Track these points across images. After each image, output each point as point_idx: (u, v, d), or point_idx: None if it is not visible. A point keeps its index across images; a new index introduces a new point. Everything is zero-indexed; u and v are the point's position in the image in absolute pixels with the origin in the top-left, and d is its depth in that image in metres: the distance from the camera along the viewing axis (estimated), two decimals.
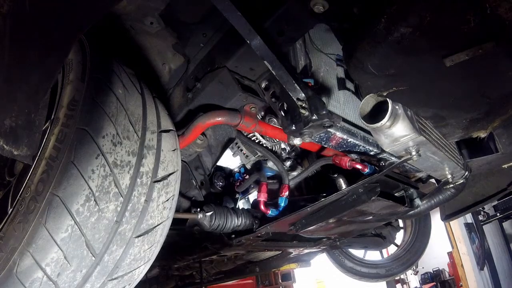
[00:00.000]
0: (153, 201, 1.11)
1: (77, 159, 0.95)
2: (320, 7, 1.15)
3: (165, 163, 1.17)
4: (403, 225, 3.51)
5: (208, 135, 1.65)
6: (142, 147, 1.10)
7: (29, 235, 0.91)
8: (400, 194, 1.76)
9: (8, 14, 0.68)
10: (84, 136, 0.97)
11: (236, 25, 1.08)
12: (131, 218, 1.05)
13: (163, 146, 1.18)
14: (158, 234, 1.16)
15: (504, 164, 1.99)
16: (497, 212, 6.88)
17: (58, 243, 0.92)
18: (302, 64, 1.49)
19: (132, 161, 1.05)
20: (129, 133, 1.07)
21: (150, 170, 1.10)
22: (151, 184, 1.10)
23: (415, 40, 1.00)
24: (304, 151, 1.89)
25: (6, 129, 0.69)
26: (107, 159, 0.99)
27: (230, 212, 1.69)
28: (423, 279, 9.21)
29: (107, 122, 1.02)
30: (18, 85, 0.72)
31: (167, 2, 1.41)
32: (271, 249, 2.23)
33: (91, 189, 0.96)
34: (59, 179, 0.93)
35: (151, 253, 1.17)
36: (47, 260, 0.92)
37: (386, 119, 1.25)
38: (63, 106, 1.03)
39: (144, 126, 1.13)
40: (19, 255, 0.91)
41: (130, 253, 1.07)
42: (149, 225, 1.11)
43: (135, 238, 1.07)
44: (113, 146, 1.01)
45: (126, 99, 1.11)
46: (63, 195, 0.92)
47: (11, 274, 0.91)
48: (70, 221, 0.93)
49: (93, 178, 0.96)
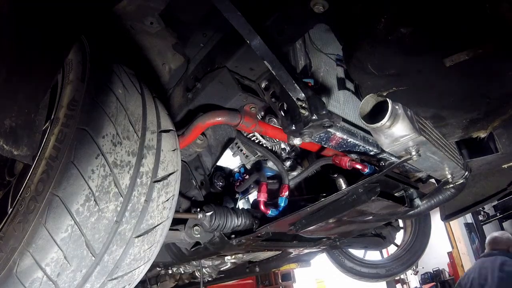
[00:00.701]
0: (153, 201, 1.11)
1: (77, 159, 0.95)
2: (320, 7, 1.15)
3: (165, 163, 1.17)
4: (403, 225, 3.51)
5: (208, 135, 1.65)
6: (142, 147, 1.09)
7: (29, 235, 0.91)
8: (400, 194, 1.76)
9: (8, 14, 0.68)
10: (84, 136, 0.97)
11: (236, 25, 1.08)
12: (131, 218, 1.05)
13: (163, 146, 1.18)
14: (158, 234, 1.16)
15: (504, 164, 1.99)
16: (497, 212, 6.89)
17: (58, 243, 0.92)
18: (302, 64, 1.49)
19: (132, 161, 1.05)
20: (129, 133, 1.07)
21: (150, 170, 1.10)
22: (151, 184, 1.10)
23: (415, 40, 1.00)
24: (304, 151, 1.89)
25: (6, 129, 0.69)
26: (107, 159, 0.99)
27: (230, 212, 1.68)
28: (423, 279, 9.21)
29: (107, 122, 1.02)
30: (18, 85, 0.72)
31: (167, 2, 1.41)
32: (271, 249, 2.22)
33: (91, 189, 0.96)
34: (59, 179, 0.93)
35: (151, 253, 1.17)
36: (47, 260, 0.92)
37: (386, 119, 1.25)
38: (63, 106, 1.03)
39: (144, 126, 1.13)
40: (19, 255, 0.91)
41: (130, 253, 1.07)
42: (149, 225, 1.11)
43: (135, 238, 1.07)
44: (113, 146, 1.01)
45: (126, 99, 1.11)
46: (63, 195, 0.92)
47: (11, 274, 0.91)
48: (70, 221, 0.93)
49: (93, 178, 0.96)
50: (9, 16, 0.67)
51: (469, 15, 0.93)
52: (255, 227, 1.74)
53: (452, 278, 8.32)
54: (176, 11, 1.43)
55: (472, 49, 1.01)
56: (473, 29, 0.95)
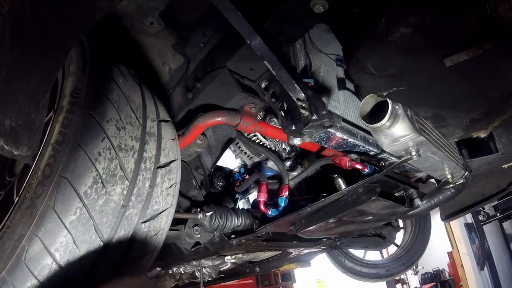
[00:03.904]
0: (157, 187, 1.13)
1: (83, 142, 0.96)
2: (320, 7, 1.15)
3: (166, 150, 1.19)
4: (403, 225, 3.51)
5: (208, 135, 1.65)
6: (144, 133, 1.12)
7: (37, 219, 0.91)
8: (400, 194, 1.76)
9: (8, 14, 0.68)
10: (89, 121, 0.99)
11: (236, 25, 1.08)
12: (137, 202, 1.06)
13: (163, 134, 1.21)
14: (163, 221, 1.17)
15: (504, 164, 1.99)
16: (497, 212, 6.88)
17: (67, 226, 0.92)
18: (302, 64, 1.49)
19: (135, 146, 1.07)
20: (131, 119, 1.09)
21: (152, 155, 1.12)
22: (155, 170, 1.12)
23: (415, 40, 1.00)
24: (304, 151, 1.89)
25: (6, 129, 0.69)
26: (112, 142, 1.01)
27: (230, 212, 1.69)
28: (423, 279, 9.21)
29: (110, 108, 1.04)
30: (18, 85, 0.72)
31: (167, 2, 1.41)
32: (271, 249, 2.22)
33: (98, 171, 0.97)
34: (66, 162, 0.94)
35: (158, 240, 1.18)
36: (56, 244, 0.91)
37: (386, 119, 1.25)
38: (66, 95, 1.05)
39: (144, 115, 1.15)
40: (27, 240, 0.91)
41: (138, 240, 1.08)
42: (154, 211, 1.12)
43: (142, 223, 1.08)
44: (117, 130, 1.03)
45: (126, 87, 1.14)
46: (71, 177, 0.93)
47: (19, 262, 0.90)
48: (78, 203, 0.93)
49: (99, 161, 0.97)
50: (9, 16, 0.67)
51: (469, 15, 0.93)
52: (255, 227, 1.74)
53: (452, 278, 8.32)
54: (176, 11, 1.43)
55: (472, 49, 1.01)
56: (473, 29, 0.95)
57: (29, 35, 0.73)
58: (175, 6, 1.42)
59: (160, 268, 2.43)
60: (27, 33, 0.73)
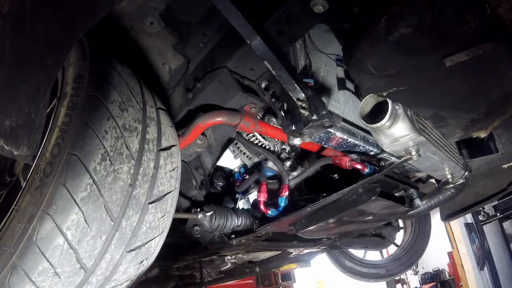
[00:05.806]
0: (161, 168, 1.15)
1: (90, 121, 0.99)
2: (320, 7, 1.15)
3: (166, 135, 1.23)
4: (403, 225, 3.51)
5: (208, 135, 1.65)
6: (145, 117, 1.15)
7: (48, 197, 0.91)
8: (400, 194, 1.76)
9: (8, 14, 0.68)
10: (95, 101, 1.02)
11: (236, 25, 1.08)
12: (144, 182, 1.08)
13: (162, 120, 1.25)
14: (169, 204, 1.20)
15: (504, 164, 1.99)
16: (497, 212, 6.88)
17: (78, 203, 0.93)
18: (302, 64, 1.49)
19: (138, 127, 1.11)
20: (132, 102, 1.13)
21: (154, 138, 1.16)
22: (157, 152, 1.16)
23: (415, 40, 1.00)
24: (304, 151, 1.89)
25: (6, 129, 0.69)
26: (117, 122, 1.04)
27: (230, 212, 1.68)
28: (423, 279, 9.20)
29: (113, 90, 1.08)
30: (18, 85, 0.72)
31: (167, 2, 1.41)
32: (271, 249, 2.22)
33: (106, 148, 0.99)
34: (75, 139, 0.96)
35: (164, 223, 1.20)
36: (67, 223, 0.92)
37: (386, 119, 1.25)
38: (69, 83, 1.07)
39: (143, 100, 1.19)
40: (38, 220, 0.90)
41: (146, 220, 1.10)
42: (160, 192, 1.14)
43: (149, 204, 1.10)
44: (121, 111, 1.07)
45: (125, 74, 1.19)
46: (80, 153, 0.95)
47: (30, 244, 0.90)
48: (88, 179, 0.95)
49: (106, 138, 1.00)
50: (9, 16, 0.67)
51: (469, 15, 0.93)
52: (255, 227, 1.74)
53: (452, 278, 8.32)
54: (176, 11, 1.43)
55: (472, 49, 1.01)
56: (473, 29, 0.96)
57: (29, 35, 0.73)
58: (175, 6, 1.42)
59: (160, 268, 2.43)
60: (27, 33, 0.73)
